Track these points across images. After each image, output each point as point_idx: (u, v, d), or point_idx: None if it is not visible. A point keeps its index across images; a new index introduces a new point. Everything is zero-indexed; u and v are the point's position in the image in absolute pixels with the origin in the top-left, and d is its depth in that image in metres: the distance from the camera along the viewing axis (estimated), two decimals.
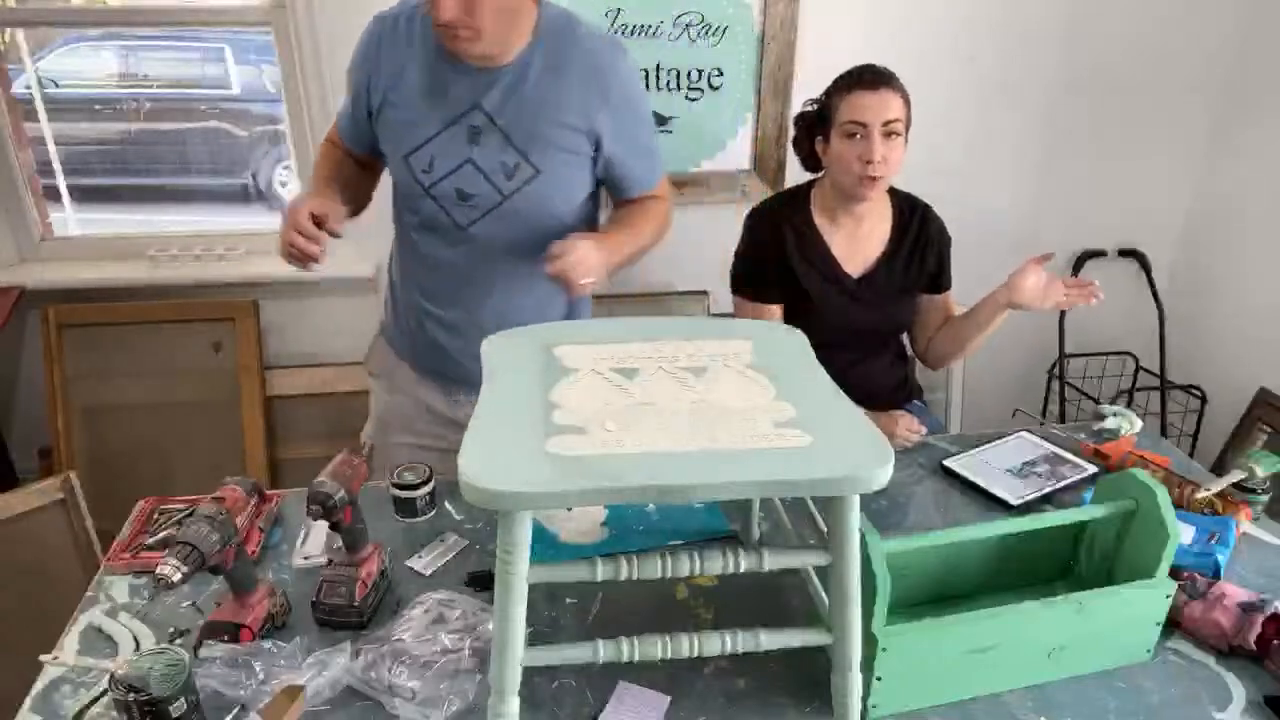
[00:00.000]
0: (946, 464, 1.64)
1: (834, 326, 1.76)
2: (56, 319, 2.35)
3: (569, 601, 1.31)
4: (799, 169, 1.85)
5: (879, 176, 1.65)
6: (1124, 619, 1.19)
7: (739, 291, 1.85)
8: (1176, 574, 1.24)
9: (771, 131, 2.43)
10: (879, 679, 1.11)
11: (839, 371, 1.16)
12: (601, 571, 0.99)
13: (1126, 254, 2.79)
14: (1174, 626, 1.26)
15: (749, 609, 1.30)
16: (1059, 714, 1.15)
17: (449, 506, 1.52)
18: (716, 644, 1.03)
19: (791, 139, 1.84)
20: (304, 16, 2.17)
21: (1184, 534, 1.35)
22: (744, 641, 1.03)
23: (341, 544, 1.27)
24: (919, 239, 1.80)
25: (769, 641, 1.04)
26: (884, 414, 1.71)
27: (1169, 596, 1.20)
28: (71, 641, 1.24)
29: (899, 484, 1.60)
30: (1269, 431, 2.48)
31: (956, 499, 1.57)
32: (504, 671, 1.00)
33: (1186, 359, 2.80)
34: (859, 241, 1.80)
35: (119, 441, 2.42)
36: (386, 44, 1.46)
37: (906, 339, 1.97)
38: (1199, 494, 1.48)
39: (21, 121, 2.36)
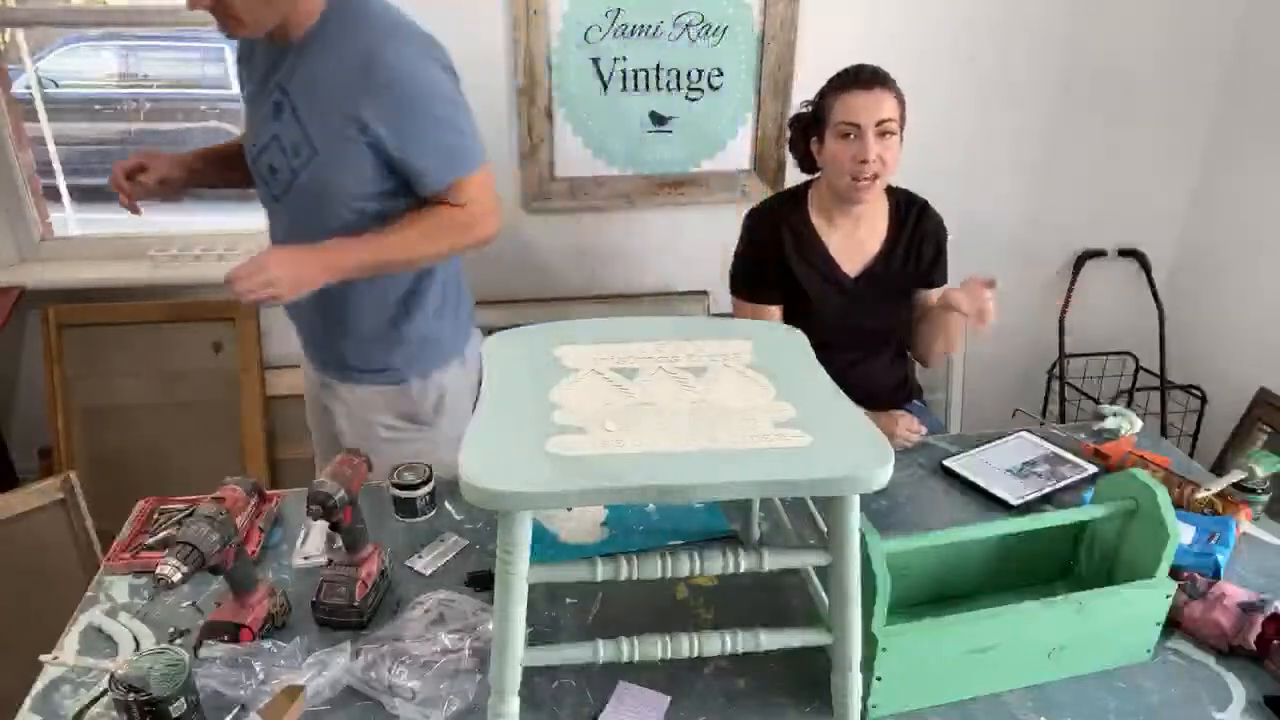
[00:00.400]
0: (946, 464, 1.64)
1: (833, 326, 1.76)
2: (56, 319, 2.35)
3: (569, 601, 1.31)
4: (798, 169, 1.85)
5: (873, 176, 1.65)
6: (1124, 619, 1.19)
7: (737, 292, 1.85)
8: (1176, 574, 1.24)
9: (771, 131, 2.43)
10: (879, 679, 1.11)
11: (839, 371, 1.16)
12: (601, 571, 0.99)
13: (1126, 254, 2.78)
14: (1174, 626, 1.26)
15: (749, 609, 1.30)
16: (1059, 714, 1.14)
17: (449, 506, 1.52)
18: (716, 644, 1.03)
19: (787, 140, 1.84)
20: None
21: (1184, 534, 1.35)
22: (744, 641, 1.03)
23: (341, 544, 1.27)
24: (915, 235, 1.80)
25: (769, 641, 1.04)
26: (884, 414, 1.71)
27: (1169, 596, 1.20)
28: (71, 641, 1.24)
29: (899, 484, 1.60)
30: (1269, 431, 2.47)
31: (956, 499, 1.57)
32: (504, 671, 1.00)
33: (1186, 359, 2.80)
34: (857, 241, 1.80)
35: (119, 441, 2.42)
36: None
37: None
38: (1199, 494, 1.48)
39: (21, 121, 2.36)
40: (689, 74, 2.35)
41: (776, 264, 1.79)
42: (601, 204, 2.47)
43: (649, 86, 2.35)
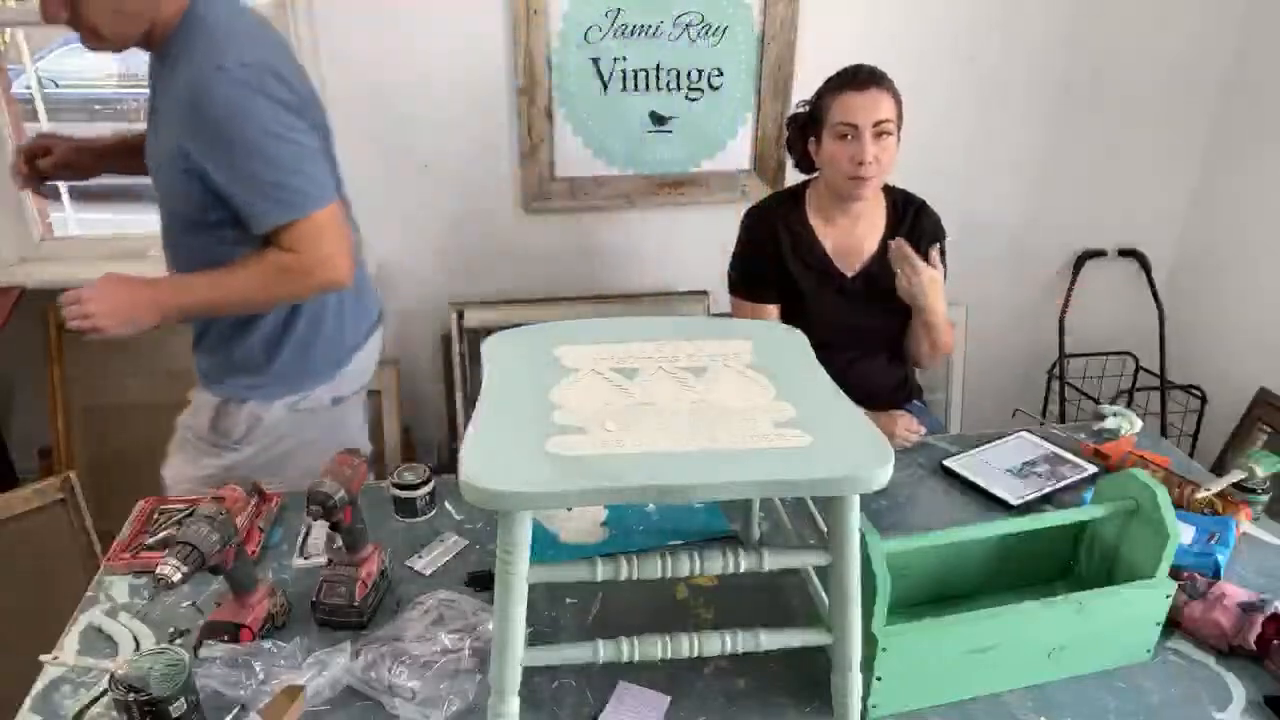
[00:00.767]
0: (946, 464, 1.64)
1: (830, 326, 1.76)
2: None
3: (569, 601, 1.31)
4: (796, 168, 1.85)
5: (870, 177, 1.65)
6: (1124, 619, 1.19)
7: (736, 291, 1.85)
8: (1176, 574, 1.24)
9: (771, 131, 2.43)
10: (879, 679, 1.11)
11: (838, 371, 1.16)
12: (601, 571, 0.99)
13: (1126, 254, 2.78)
14: (1174, 626, 1.26)
15: (749, 609, 1.30)
16: (1059, 714, 1.14)
17: (449, 506, 1.52)
18: (716, 644, 1.03)
19: (784, 140, 1.84)
20: (303, 16, 2.17)
21: (1184, 534, 1.35)
22: (744, 641, 1.03)
23: (341, 544, 1.27)
24: (912, 234, 1.80)
25: (769, 641, 1.04)
26: (884, 414, 1.71)
27: (1169, 596, 1.20)
28: (71, 641, 1.24)
29: (899, 484, 1.60)
30: (1269, 431, 2.47)
31: (956, 499, 1.57)
32: (504, 671, 1.00)
33: (1186, 359, 2.80)
34: (854, 240, 1.80)
35: (119, 441, 2.41)
36: None
37: None
38: (1199, 494, 1.48)
39: (21, 121, 2.36)
40: (689, 74, 2.35)
41: (774, 263, 1.79)
42: (601, 204, 2.47)
43: (649, 86, 2.35)
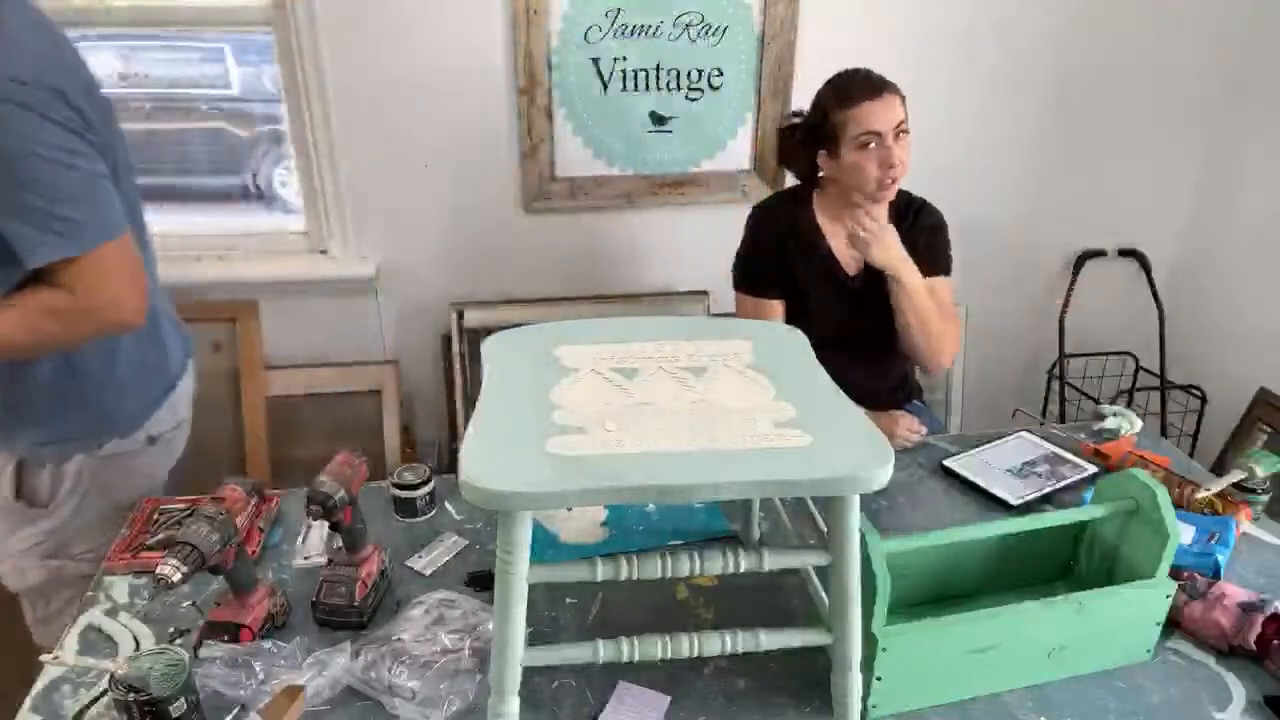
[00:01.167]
0: (946, 464, 1.64)
1: (833, 325, 1.76)
2: None
3: (569, 601, 1.31)
4: (795, 178, 1.86)
5: (899, 178, 1.67)
6: (1124, 619, 1.19)
7: (740, 288, 1.86)
8: (1176, 574, 1.24)
9: (771, 131, 2.43)
10: (879, 679, 1.11)
11: (839, 371, 1.15)
12: (601, 571, 0.99)
13: (1126, 254, 2.78)
14: (1174, 626, 1.26)
15: (749, 609, 1.30)
16: (1059, 714, 1.15)
17: (449, 506, 1.52)
18: (716, 644, 1.03)
19: (780, 153, 1.84)
20: (304, 16, 2.17)
21: (1184, 534, 1.35)
22: (744, 641, 1.03)
23: (341, 544, 1.27)
24: (913, 232, 1.80)
25: (769, 641, 1.04)
26: (884, 414, 1.71)
27: (1169, 596, 1.20)
28: (71, 641, 1.23)
29: (899, 484, 1.60)
30: (1269, 431, 2.47)
31: (956, 499, 1.57)
32: (504, 671, 1.00)
33: (1186, 359, 2.80)
34: None
35: None
36: None
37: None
38: (1199, 494, 1.48)
39: None
40: (689, 74, 2.35)
41: (778, 261, 1.79)
42: (601, 204, 2.47)
43: (649, 86, 2.35)
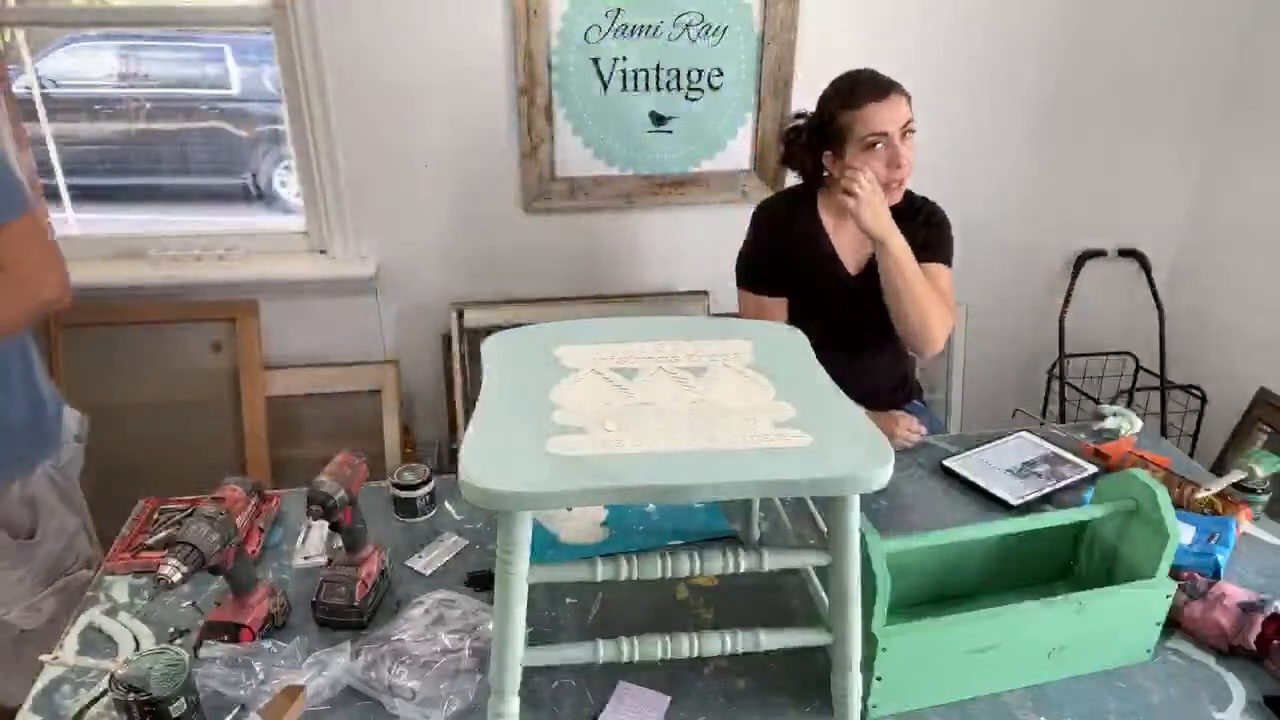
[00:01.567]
0: (946, 464, 1.64)
1: (835, 323, 1.75)
2: (56, 319, 2.34)
3: (569, 601, 1.31)
4: (800, 179, 1.85)
5: (906, 178, 1.67)
6: (1124, 619, 1.19)
7: (742, 286, 1.86)
8: (1176, 574, 1.24)
9: (771, 131, 2.43)
10: (879, 679, 1.11)
11: (839, 371, 1.16)
12: (601, 571, 0.99)
13: (1126, 254, 2.78)
14: (1174, 626, 1.26)
15: (749, 609, 1.30)
16: (1059, 714, 1.14)
17: (449, 506, 1.52)
18: (716, 644, 1.03)
19: (783, 155, 1.84)
20: (304, 16, 2.17)
21: (1184, 534, 1.35)
22: (744, 641, 1.03)
23: (341, 544, 1.27)
24: (918, 232, 1.80)
25: (769, 641, 1.04)
26: (884, 414, 1.71)
27: (1169, 596, 1.20)
28: (71, 641, 1.24)
29: (899, 484, 1.60)
30: (1269, 431, 2.47)
31: (957, 499, 1.57)
32: (504, 671, 1.00)
33: (1186, 359, 2.80)
34: (862, 240, 1.80)
35: (119, 441, 2.41)
36: None
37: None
38: (1199, 494, 1.48)
39: (21, 121, 2.36)
40: (689, 74, 2.35)
41: (781, 258, 1.79)
42: (601, 204, 2.47)
43: (649, 86, 2.35)
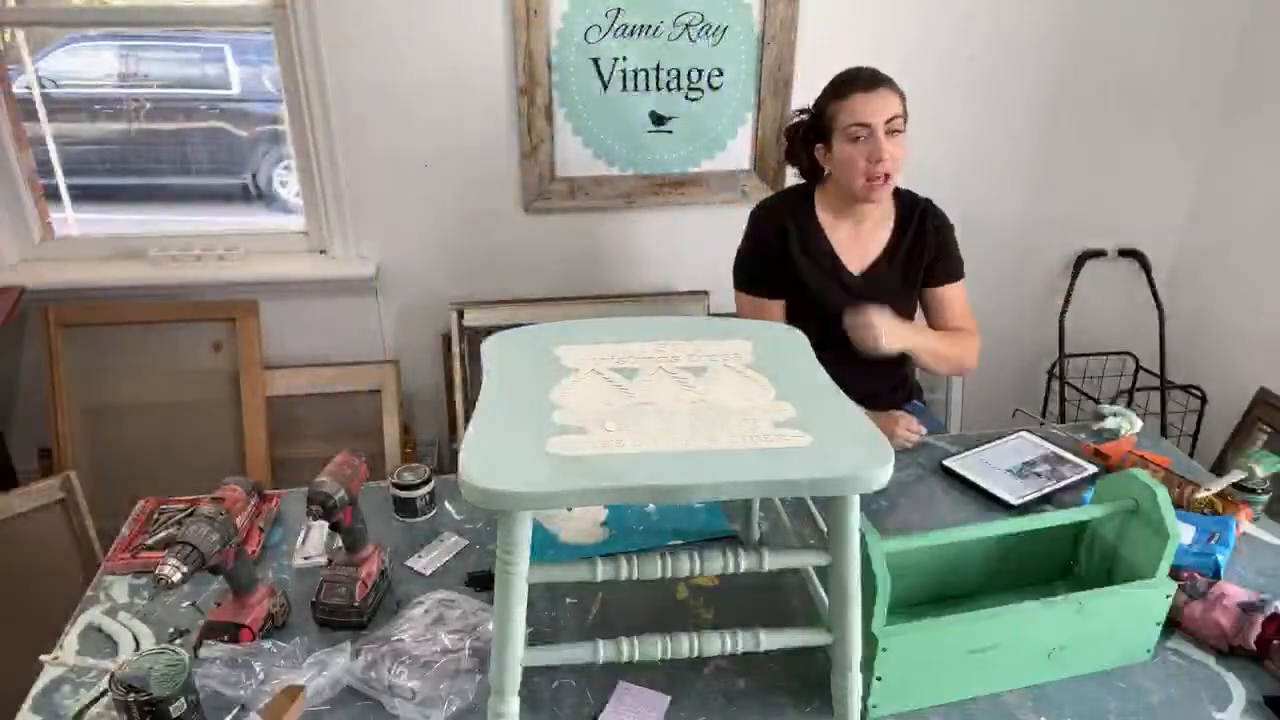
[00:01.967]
0: (946, 464, 1.64)
1: (835, 324, 1.76)
2: (56, 319, 2.35)
3: (569, 601, 1.31)
4: (800, 177, 1.85)
5: (888, 175, 1.65)
6: (1124, 619, 1.19)
7: (740, 286, 1.86)
8: (1176, 574, 1.24)
9: (771, 131, 2.43)
10: (879, 679, 1.11)
11: (839, 371, 1.16)
12: (601, 571, 0.99)
13: (1126, 254, 2.78)
14: (1174, 626, 1.26)
15: (749, 609, 1.30)
16: (1059, 714, 1.14)
17: (449, 506, 1.52)
18: (716, 644, 1.03)
19: (784, 151, 1.84)
20: (304, 16, 2.17)
21: (1184, 534, 1.35)
22: (744, 641, 1.03)
23: (341, 544, 1.27)
24: (919, 234, 1.80)
25: (769, 641, 1.04)
26: (884, 414, 1.71)
27: (1169, 596, 1.20)
28: (71, 641, 1.24)
29: (899, 484, 1.60)
30: (1269, 431, 2.47)
31: (956, 499, 1.57)
32: (504, 671, 1.00)
33: (1186, 359, 2.80)
34: (861, 239, 1.80)
35: (119, 441, 2.42)
36: None
37: None
38: (1199, 494, 1.48)
39: (21, 121, 2.36)
40: (689, 74, 2.35)
41: (779, 259, 1.79)
42: (601, 204, 2.47)
43: (649, 86, 2.35)
